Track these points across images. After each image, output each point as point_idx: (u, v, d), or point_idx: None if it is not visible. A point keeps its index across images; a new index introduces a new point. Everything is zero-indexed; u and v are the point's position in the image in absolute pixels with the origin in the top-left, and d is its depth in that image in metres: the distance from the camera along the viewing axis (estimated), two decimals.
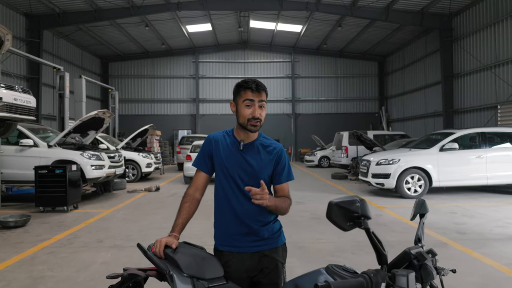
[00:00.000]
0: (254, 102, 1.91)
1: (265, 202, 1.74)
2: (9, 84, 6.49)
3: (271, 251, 1.96)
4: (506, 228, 6.27)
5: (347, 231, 1.35)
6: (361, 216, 1.33)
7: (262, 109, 1.93)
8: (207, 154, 2.04)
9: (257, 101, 1.91)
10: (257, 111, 1.91)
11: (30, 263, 4.74)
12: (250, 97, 1.91)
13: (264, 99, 1.94)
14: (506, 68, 13.81)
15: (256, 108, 1.91)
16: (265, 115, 1.95)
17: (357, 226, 1.35)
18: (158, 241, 1.80)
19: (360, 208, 1.33)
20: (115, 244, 5.54)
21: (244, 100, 1.92)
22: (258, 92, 1.91)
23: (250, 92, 1.91)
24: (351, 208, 1.34)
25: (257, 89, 1.91)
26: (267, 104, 1.97)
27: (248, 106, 1.91)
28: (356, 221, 1.34)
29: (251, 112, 1.90)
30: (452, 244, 5.38)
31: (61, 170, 8.02)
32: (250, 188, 1.73)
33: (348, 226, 1.34)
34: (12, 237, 6.04)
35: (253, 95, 1.91)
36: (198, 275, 1.72)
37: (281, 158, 1.99)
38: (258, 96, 1.91)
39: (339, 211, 1.34)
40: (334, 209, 1.34)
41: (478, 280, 4.03)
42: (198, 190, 2.05)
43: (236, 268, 1.90)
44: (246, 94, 1.92)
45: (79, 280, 4.14)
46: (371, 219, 1.35)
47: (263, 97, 1.93)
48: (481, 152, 9.54)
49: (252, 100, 1.91)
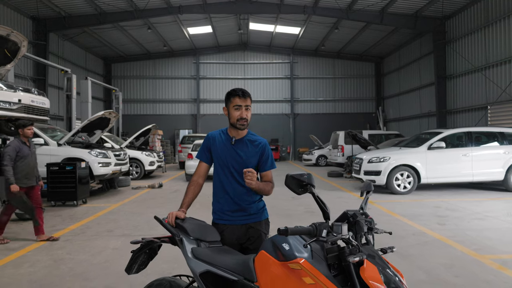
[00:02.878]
0: (241, 107, 2.45)
1: (253, 183, 2.29)
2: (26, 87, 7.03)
3: (256, 224, 2.52)
4: (483, 220, 6.81)
5: (299, 195, 1.90)
6: (307, 184, 1.87)
7: (248, 111, 2.49)
8: (207, 148, 2.60)
9: (244, 105, 2.46)
10: (244, 113, 2.46)
11: (49, 249, 5.29)
12: (238, 103, 2.45)
13: (249, 104, 2.49)
14: (495, 70, 14.34)
15: (243, 110, 2.46)
16: (250, 115, 2.52)
17: (305, 192, 1.88)
18: (171, 214, 2.36)
19: (307, 179, 1.87)
20: (124, 233, 6.09)
21: (234, 105, 2.46)
22: (244, 98, 2.45)
23: (238, 99, 2.45)
24: (301, 179, 1.88)
25: (243, 96, 2.45)
26: (266, 104, 2.60)
27: (237, 109, 2.46)
28: (304, 188, 1.88)
29: (239, 114, 2.45)
30: (430, 233, 5.93)
31: (71, 167, 8.58)
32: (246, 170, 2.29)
33: (299, 191, 1.88)
34: (29, 227, 6.56)
35: (240, 101, 2.44)
36: (202, 238, 2.27)
37: (265, 150, 2.54)
38: (244, 101, 2.45)
39: (293, 181, 1.89)
40: (290, 179, 1.90)
41: (446, 262, 4.57)
42: (201, 176, 2.61)
43: (229, 236, 2.46)
44: (235, 100, 2.46)
45: (95, 262, 4.69)
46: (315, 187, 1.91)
47: (248, 102, 2.48)
48: (467, 150, 10.07)
49: (240, 105, 2.45)
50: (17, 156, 5.60)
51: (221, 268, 2.03)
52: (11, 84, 6.78)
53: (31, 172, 5.78)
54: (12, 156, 5.54)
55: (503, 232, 5.95)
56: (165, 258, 4.21)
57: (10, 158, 5.51)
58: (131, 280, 3.87)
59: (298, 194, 1.89)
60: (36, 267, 4.52)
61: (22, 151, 5.64)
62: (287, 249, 1.74)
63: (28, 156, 5.73)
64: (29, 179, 5.74)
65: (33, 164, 5.83)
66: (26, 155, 5.69)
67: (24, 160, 5.65)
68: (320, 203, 1.79)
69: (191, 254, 2.16)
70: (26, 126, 5.75)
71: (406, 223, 6.69)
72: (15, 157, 5.58)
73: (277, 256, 1.79)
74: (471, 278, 4.03)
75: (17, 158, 5.61)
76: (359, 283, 1.58)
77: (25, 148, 5.71)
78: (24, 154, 5.66)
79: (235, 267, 2.00)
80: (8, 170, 5.47)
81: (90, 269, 4.42)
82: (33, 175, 5.84)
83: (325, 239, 1.66)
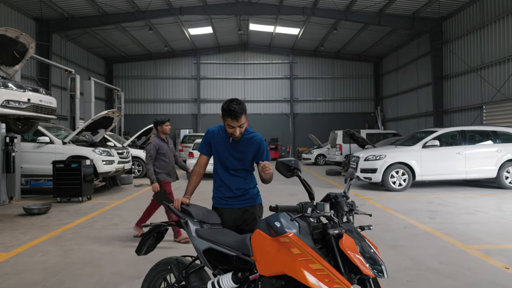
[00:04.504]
0: (235, 128, 2.65)
1: (271, 171, 2.60)
2: (34, 87, 7.32)
3: (251, 208, 2.83)
4: (472, 215, 7.10)
5: (288, 178, 2.20)
6: (295, 169, 2.17)
7: (242, 128, 2.68)
8: (207, 142, 2.90)
9: (237, 126, 2.64)
10: (237, 132, 2.66)
11: (58, 240, 5.59)
12: (231, 124, 2.63)
13: (242, 122, 2.64)
14: (490, 70, 14.62)
15: (236, 130, 2.66)
16: (245, 127, 2.71)
17: (293, 175, 2.18)
18: (177, 199, 2.66)
19: (294, 164, 2.17)
20: (128, 227, 6.37)
21: (227, 124, 2.66)
22: (237, 120, 2.60)
23: (230, 120, 2.61)
24: (289, 164, 2.20)
25: (235, 118, 2.58)
26: (266, 104, 2.91)
27: (230, 128, 2.67)
28: (292, 171, 2.17)
29: (232, 131, 2.68)
30: (421, 226, 6.22)
31: (77, 165, 8.88)
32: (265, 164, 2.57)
33: (288, 174, 2.18)
34: (38, 221, 6.89)
35: (233, 122, 2.62)
36: (204, 220, 2.57)
37: (261, 144, 2.83)
38: (237, 123, 2.61)
39: (282, 166, 2.20)
40: (279, 164, 2.22)
41: (434, 252, 4.86)
42: (202, 167, 2.93)
43: (226, 219, 2.76)
44: (228, 121, 2.63)
45: (103, 252, 4.99)
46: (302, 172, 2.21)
47: (241, 121, 2.62)
48: (461, 148, 10.36)
49: (233, 127, 2.64)
50: (158, 153, 5.56)
51: (221, 245, 2.32)
52: (20, 84, 7.07)
53: (172, 168, 5.75)
54: (153, 154, 5.53)
55: (490, 225, 6.24)
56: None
57: (150, 156, 5.51)
58: (137, 267, 4.16)
59: (287, 177, 2.18)
60: (48, 256, 4.81)
61: (162, 148, 5.60)
62: (278, 226, 2.02)
63: (168, 152, 5.68)
64: (170, 176, 5.73)
65: (173, 160, 5.79)
66: (166, 152, 5.64)
67: (164, 157, 5.61)
68: (306, 185, 2.08)
69: (195, 234, 2.45)
70: (164, 123, 5.70)
71: (399, 217, 6.97)
72: (156, 155, 5.55)
73: (270, 233, 2.07)
74: (454, 265, 4.31)
75: (158, 155, 5.57)
76: (339, 254, 1.87)
77: (164, 145, 5.66)
78: (164, 151, 5.61)
79: (234, 245, 2.29)
80: (149, 168, 5.48)
81: (99, 258, 4.72)
82: (174, 171, 5.82)
83: (309, 215, 1.95)
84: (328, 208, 1.97)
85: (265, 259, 2.07)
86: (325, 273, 1.81)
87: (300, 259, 1.87)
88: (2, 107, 6.28)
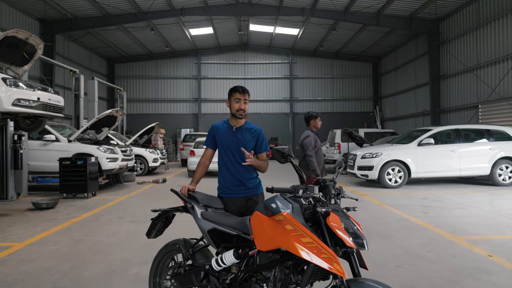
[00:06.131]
0: (240, 100, 3.05)
1: (253, 162, 2.91)
2: (43, 86, 7.62)
3: (254, 196, 3.10)
4: (464, 210, 7.38)
5: (282, 163, 2.49)
6: (288, 155, 2.46)
7: (246, 104, 3.09)
8: (212, 136, 3.19)
9: (243, 99, 3.06)
10: (243, 105, 3.06)
11: (68, 232, 5.88)
12: (238, 96, 3.05)
13: (247, 98, 3.09)
14: (486, 70, 14.91)
15: (242, 103, 3.06)
16: (248, 108, 3.12)
17: (287, 161, 2.48)
18: (184, 186, 2.95)
19: (287, 151, 2.47)
20: (134, 220, 6.68)
21: (234, 98, 3.07)
22: (243, 94, 3.05)
23: (238, 94, 3.05)
24: (283, 151, 2.49)
25: (242, 92, 3.06)
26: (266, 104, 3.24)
27: (237, 102, 3.05)
28: (286, 158, 2.47)
29: (238, 105, 3.05)
30: (413, 220, 6.51)
31: (82, 162, 9.18)
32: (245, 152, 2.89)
33: (282, 161, 2.48)
34: (46, 215, 7.18)
35: (240, 95, 3.05)
36: (209, 205, 2.86)
37: (260, 136, 3.13)
38: (243, 96, 3.06)
39: (277, 152, 2.50)
40: (274, 151, 2.51)
41: (423, 241, 5.15)
42: (207, 159, 3.21)
43: (231, 207, 3.04)
44: (236, 94, 3.06)
45: (111, 241, 5.28)
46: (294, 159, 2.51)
47: (246, 97, 3.08)
48: (455, 146, 10.64)
49: (239, 99, 3.05)
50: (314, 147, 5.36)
51: (224, 225, 2.61)
52: (30, 83, 7.37)
53: (323, 164, 5.57)
54: (313, 146, 5.31)
55: (480, 219, 6.53)
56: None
57: (312, 147, 5.27)
58: (145, 254, 4.46)
59: (281, 163, 2.47)
60: (59, 245, 5.10)
61: (317, 142, 5.44)
62: (274, 207, 2.31)
63: (320, 148, 5.53)
64: (322, 172, 5.47)
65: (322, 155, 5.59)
66: (319, 147, 5.49)
67: (319, 151, 5.44)
68: (297, 170, 2.37)
69: (201, 216, 2.74)
70: (317, 117, 5.61)
71: (393, 211, 7.26)
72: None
73: (267, 213, 2.36)
74: (441, 253, 4.60)
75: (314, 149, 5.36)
76: (326, 229, 2.16)
77: (318, 140, 5.52)
78: (318, 145, 5.45)
79: (235, 225, 2.58)
80: (313, 161, 5.24)
81: (108, 247, 5.01)
82: (324, 167, 5.61)
83: (300, 196, 2.24)
84: (317, 190, 2.26)
85: (263, 236, 2.36)
86: (314, 245, 2.10)
87: (293, 234, 2.16)
88: (13, 105, 6.57)
